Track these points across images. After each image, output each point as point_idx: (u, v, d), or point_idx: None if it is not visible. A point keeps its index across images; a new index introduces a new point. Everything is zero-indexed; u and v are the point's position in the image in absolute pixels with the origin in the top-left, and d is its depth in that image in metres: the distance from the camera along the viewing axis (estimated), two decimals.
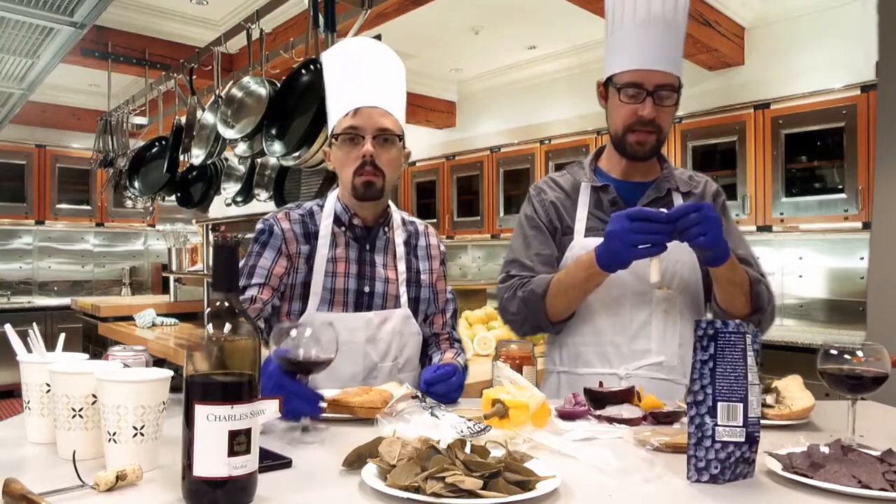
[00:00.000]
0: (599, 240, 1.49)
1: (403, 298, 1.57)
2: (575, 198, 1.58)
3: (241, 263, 1.49)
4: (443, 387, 1.35)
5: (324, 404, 1.16)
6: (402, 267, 1.59)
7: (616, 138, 1.52)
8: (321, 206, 1.59)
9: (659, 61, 1.44)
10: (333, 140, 1.52)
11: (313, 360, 1.11)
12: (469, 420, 1.08)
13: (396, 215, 1.64)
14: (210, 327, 0.81)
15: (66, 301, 5.87)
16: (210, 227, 4.17)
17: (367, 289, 1.53)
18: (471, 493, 0.78)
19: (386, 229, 1.60)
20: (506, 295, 1.55)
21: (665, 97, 1.45)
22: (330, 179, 2.88)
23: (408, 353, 1.58)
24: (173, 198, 4.02)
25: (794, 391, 1.24)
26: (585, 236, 1.53)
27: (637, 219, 1.29)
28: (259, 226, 1.55)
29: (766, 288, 1.50)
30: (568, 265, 1.48)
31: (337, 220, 1.56)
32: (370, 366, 1.51)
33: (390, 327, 1.54)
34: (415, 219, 1.70)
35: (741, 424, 0.90)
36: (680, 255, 1.50)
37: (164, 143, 4.09)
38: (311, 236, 1.53)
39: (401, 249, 1.61)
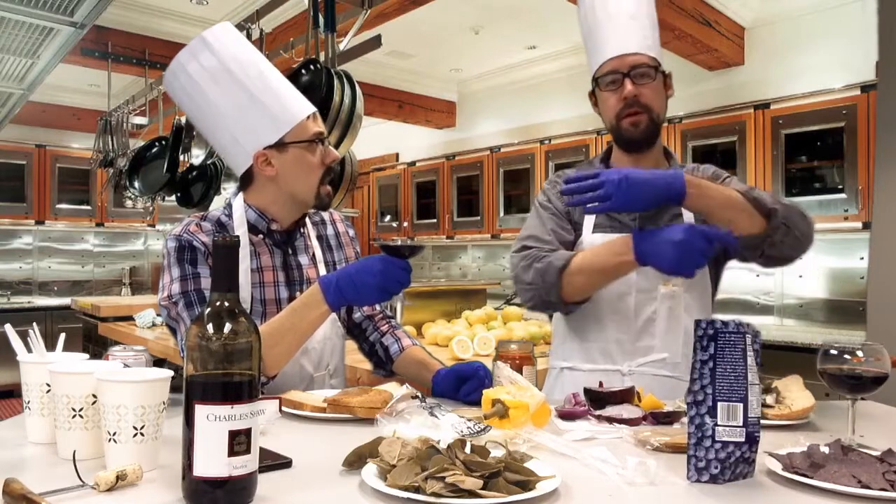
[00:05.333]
0: (607, 236, 1.49)
1: None
2: None
3: (178, 289, 1.37)
4: (478, 393, 1.27)
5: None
6: (322, 268, 1.55)
7: (613, 130, 1.53)
8: (229, 216, 1.49)
9: (627, 45, 1.48)
10: (294, 144, 1.42)
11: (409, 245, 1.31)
12: (469, 420, 1.08)
13: None
14: (210, 327, 0.81)
15: (66, 301, 5.86)
16: None
17: (298, 293, 1.45)
18: (471, 493, 0.78)
19: (302, 230, 1.56)
20: (521, 264, 1.49)
21: (643, 75, 1.47)
22: None
23: (336, 359, 1.57)
24: (173, 198, 4.02)
25: (794, 391, 1.25)
26: (593, 232, 1.54)
27: (713, 239, 1.24)
28: (173, 243, 1.40)
29: (774, 199, 1.39)
30: (595, 247, 1.44)
31: (252, 229, 1.48)
32: (306, 378, 1.48)
33: (321, 334, 1.49)
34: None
35: (741, 424, 0.90)
36: None
37: (164, 143, 4.09)
38: None
39: (318, 249, 1.57)
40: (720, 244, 1.26)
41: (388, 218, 6.51)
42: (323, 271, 1.54)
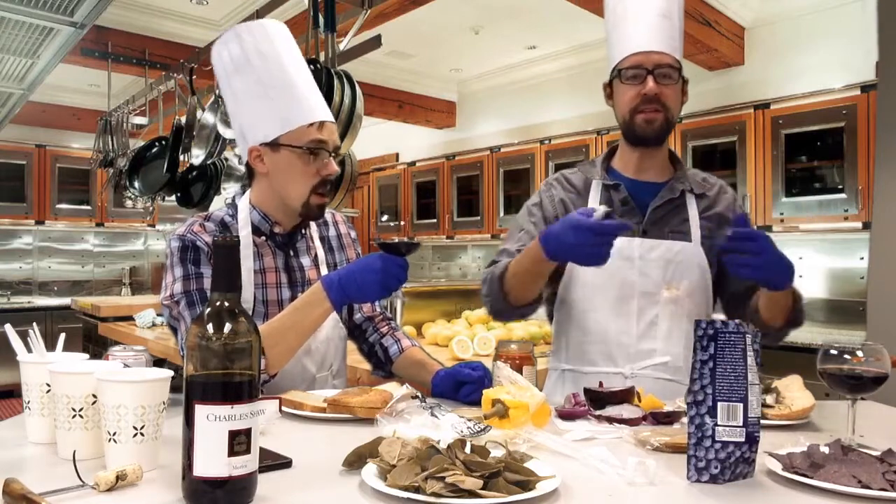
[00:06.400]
0: None
1: None
2: (586, 196, 1.58)
3: (180, 288, 1.38)
4: (478, 394, 1.28)
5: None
6: (324, 270, 1.56)
7: (625, 124, 1.53)
8: (233, 216, 1.49)
9: (655, 42, 1.48)
10: (287, 147, 1.41)
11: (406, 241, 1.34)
12: (469, 420, 1.08)
13: None
14: (210, 327, 0.81)
15: (66, 301, 5.86)
16: None
17: (300, 295, 1.43)
18: (471, 493, 0.78)
19: (304, 231, 1.56)
20: (483, 278, 1.57)
21: (666, 75, 1.48)
22: None
23: (339, 360, 1.58)
24: (173, 198, 4.02)
25: (794, 391, 1.25)
26: None
27: (602, 233, 1.27)
28: (176, 243, 1.41)
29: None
30: (520, 253, 1.48)
31: (255, 230, 1.48)
32: (309, 378, 1.49)
33: (324, 335, 1.50)
34: None
35: (741, 424, 0.90)
36: (688, 257, 1.50)
37: (164, 143, 4.09)
38: None
39: (320, 251, 1.57)
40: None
41: (387, 218, 6.51)
42: (325, 272, 1.54)
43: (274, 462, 0.94)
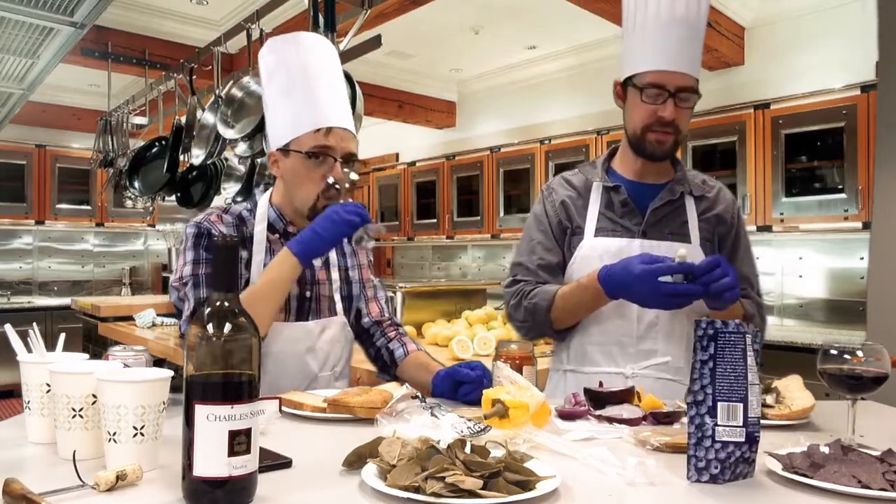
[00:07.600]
0: (609, 240, 1.52)
1: (339, 306, 1.58)
2: (587, 197, 1.59)
3: (189, 271, 1.42)
4: (477, 394, 1.29)
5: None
6: (335, 274, 1.58)
7: (634, 137, 1.52)
8: (251, 211, 1.53)
9: (681, 63, 1.46)
10: (295, 152, 1.44)
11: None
12: (469, 420, 1.08)
13: None
14: (210, 327, 0.81)
15: (66, 301, 5.86)
16: None
17: (308, 293, 1.52)
18: (471, 493, 0.78)
19: None
20: (512, 301, 1.58)
21: (685, 99, 1.47)
22: None
23: (344, 361, 1.60)
24: (173, 198, 4.02)
25: (794, 391, 1.24)
26: (595, 236, 1.54)
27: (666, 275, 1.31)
28: (192, 230, 1.46)
29: (759, 316, 1.54)
30: (572, 287, 1.49)
31: (270, 227, 1.52)
32: (310, 376, 1.50)
33: (329, 335, 1.53)
34: None
35: (741, 424, 0.90)
36: (689, 258, 1.51)
37: (164, 143, 4.09)
38: (246, 241, 1.48)
39: (332, 253, 1.59)
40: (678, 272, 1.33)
41: (388, 218, 6.51)
42: (335, 275, 1.58)
43: (274, 462, 0.94)
